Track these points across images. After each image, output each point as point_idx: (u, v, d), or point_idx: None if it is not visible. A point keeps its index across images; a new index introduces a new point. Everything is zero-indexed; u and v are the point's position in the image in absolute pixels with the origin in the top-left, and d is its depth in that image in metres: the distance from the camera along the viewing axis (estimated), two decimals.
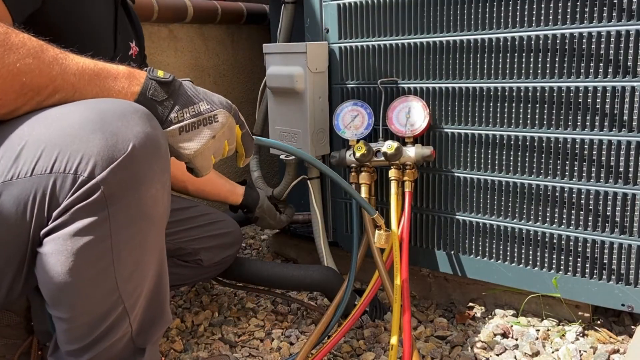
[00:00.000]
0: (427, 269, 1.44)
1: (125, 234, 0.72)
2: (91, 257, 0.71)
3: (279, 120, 1.46)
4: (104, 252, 0.72)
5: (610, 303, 1.16)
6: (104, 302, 0.76)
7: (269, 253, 1.80)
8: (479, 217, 1.28)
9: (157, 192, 0.74)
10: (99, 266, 0.72)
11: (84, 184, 0.67)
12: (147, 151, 0.71)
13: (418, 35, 1.28)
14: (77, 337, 0.78)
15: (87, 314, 0.76)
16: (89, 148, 0.67)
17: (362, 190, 1.31)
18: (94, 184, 0.67)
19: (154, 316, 0.85)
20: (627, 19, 1.04)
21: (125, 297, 0.77)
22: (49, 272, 0.71)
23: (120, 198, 0.70)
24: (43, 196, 0.68)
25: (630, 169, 1.09)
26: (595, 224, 1.15)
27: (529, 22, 1.13)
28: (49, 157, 0.67)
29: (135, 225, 0.73)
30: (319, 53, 1.38)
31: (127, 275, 0.76)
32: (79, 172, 0.67)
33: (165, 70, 1.89)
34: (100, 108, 0.71)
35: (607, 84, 1.08)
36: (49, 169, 0.67)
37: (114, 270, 0.74)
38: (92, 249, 0.71)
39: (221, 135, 0.84)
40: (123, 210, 0.71)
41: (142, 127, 0.71)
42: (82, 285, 0.73)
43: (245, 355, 1.25)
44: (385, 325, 1.33)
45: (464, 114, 1.25)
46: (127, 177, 0.69)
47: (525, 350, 1.18)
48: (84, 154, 0.67)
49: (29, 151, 0.68)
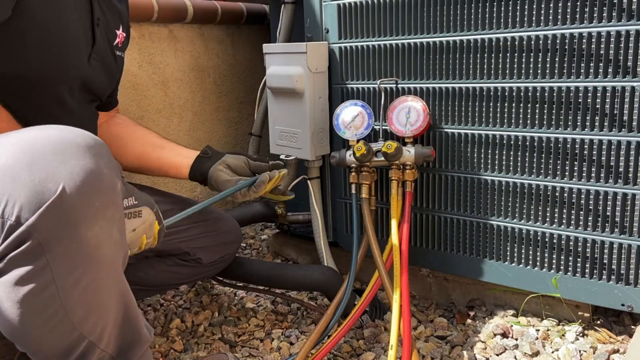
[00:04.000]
0: (427, 269, 1.44)
1: (70, 278, 0.68)
2: (37, 304, 0.67)
3: (278, 120, 1.45)
4: (50, 298, 0.67)
5: (610, 303, 1.16)
6: (64, 341, 0.72)
7: (269, 253, 1.80)
8: (479, 217, 1.28)
9: (101, 231, 0.68)
10: (48, 312, 0.68)
11: (12, 229, 0.63)
12: (83, 189, 0.65)
13: (418, 35, 1.28)
14: None
15: (51, 350, 0.72)
16: (15, 190, 0.62)
17: (362, 190, 1.31)
18: (24, 230, 0.62)
19: (131, 339, 0.82)
20: (627, 19, 1.04)
21: (86, 333, 0.73)
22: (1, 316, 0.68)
23: (56, 243, 0.65)
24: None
25: (630, 169, 1.09)
26: (595, 224, 1.15)
27: (529, 22, 1.13)
28: None
29: (79, 269, 0.68)
30: (319, 53, 1.38)
31: (81, 316, 0.72)
32: (5, 216, 0.62)
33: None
34: (33, 142, 0.66)
35: (607, 84, 1.08)
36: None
37: (65, 314, 0.69)
38: (36, 296, 0.66)
39: (141, 230, 0.86)
40: (62, 255, 0.66)
41: (79, 160, 0.66)
42: (36, 330, 0.69)
43: (245, 355, 1.25)
44: (385, 325, 1.33)
45: (464, 114, 1.25)
46: (61, 220, 0.64)
47: (525, 350, 1.18)
48: (9, 197, 0.62)
49: None
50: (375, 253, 1.24)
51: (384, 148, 1.24)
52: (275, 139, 1.48)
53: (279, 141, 1.47)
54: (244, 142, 2.11)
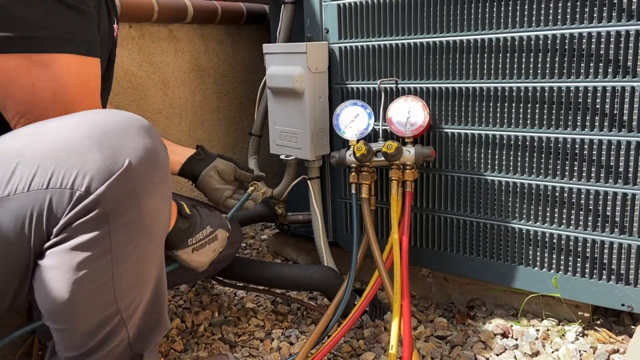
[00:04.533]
0: (427, 269, 1.44)
1: (126, 249, 0.73)
2: (91, 272, 0.71)
3: (278, 120, 1.45)
4: (104, 267, 0.72)
5: (610, 303, 1.16)
6: (101, 315, 0.76)
7: (269, 253, 1.80)
8: (479, 217, 1.28)
9: (157, 205, 0.74)
10: (98, 281, 0.72)
11: (81, 199, 0.67)
12: (145, 164, 0.71)
13: (418, 35, 1.28)
14: (74, 346, 0.78)
15: (83, 326, 0.76)
16: (86, 163, 0.67)
17: (362, 190, 1.31)
18: (93, 199, 0.67)
19: (152, 323, 0.85)
20: (627, 19, 1.04)
21: (122, 308, 0.77)
22: (47, 286, 0.71)
23: (120, 213, 0.70)
24: (40, 212, 0.68)
25: (630, 169, 1.09)
26: (595, 224, 1.15)
27: (529, 22, 1.13)
28: (45, 173, 0.67)
29: (135, 240, 0.73)
30: (319, 53, 1.38)
31: (125, 289, 0.76)
32: (75, 187, 0.67)
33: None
34: (98, 121, 0.71)
35: (607, 84, 1.08)
36: (45, 185, 0.67)
37: (112, 285, 0.73)
38: (91, 264, 0.71)
39: (219, 248, 1.10)
40: (124, 226, 0.71)
41: (141, 139, 0.72)
42: (80, 300, 0.72)
43: (245, 355, 1.25)
44: (385, 325, 1.33)
45: (464, 114, 1.25)
46: (126, 192, 0.69)
47: (525, 350, 1.18)
48: (80, 170, 0.67)
49: (24, 167, 0.68)
50: (375, 253, 1.24)
51: (384, 148, 1.24)
52: (275, 139, 1.48)
53: (279, 141, 1.47)
54: (244, 142, 2.11)
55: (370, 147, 1.27)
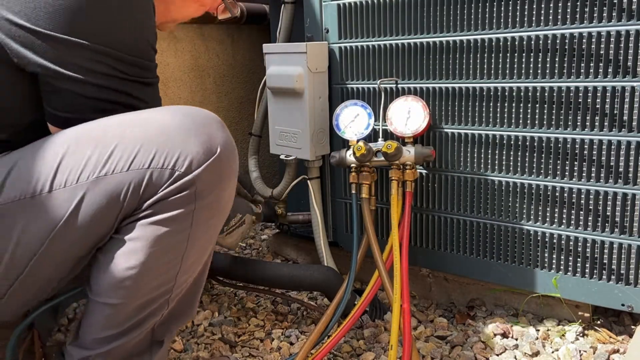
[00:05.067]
0: (427, 269, 1.44)
1: (202, 228, 0.79)
2: (168, 246, 0.77)
3: (279, 120, 1.45)
4: (180, 242, 0.78)
5: (610, 303, 1.16)
6: (158, 290, 0.81)
7: (269, 253, 1.80)
8: (479, 217, 1.28)
9: (230, 191, 0.82)
10: (171, 255, 0.79)
11: (180, 178, 0.74)
12: (229, 153, 0.79)
13: (418, 35, 1.28)
14: (116, 323, 0.82)
15: (137, 301, 0.80)
16: (186, 147, 0.74)
17: (362, 190, 1.31)
18: (190, 179, 0.75)
19: (184, 308, 0.91)
20: (627, 19, 1.04)
21: (175, 287, 0.83)
22: (120, 257, 0.77)
23: (207, 194, 0.77)
24: (137, 188, 0.74)
25: (630, 169, 1.09)
26: (595, 224, 1.15)
27: (529, 22, 1.13)
28: (146, 154, 0.74)
29: (211, 221, 0.81)
30: (319, 53, 1.38)
31: (187, 267, 0.82)
32: (176, 167, 0.74)
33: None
34: (189, 113, 0.79)
35: (607, 84, 1.08)
36: (146, 165, 0.74)
37: (180, 262, 0.80)
38: (171, 238, 0.77)
39: (246, 230, 1.27)
40: (206, 206, 0.78)
41: (224, 132, 0.80)
42: (149, 272, 0.78)
43: (245, 355, 1.25)
44: (385, 325, 1.33)
45: (464, 114, 1.25)
46: (215, 176, 0.77)
47: (525, 350, 1.18)
48: (182, 152, 0.74)
49: (124, 149, 0.74)
50: (375, 253, 1.24)
51: (384, 148, 1.24)
52: (275, 139, 1.48)
53: (279, 141, 1.47)
54: (244, 142, 2.11)
55: (370, 147, 1.27)
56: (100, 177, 0.73)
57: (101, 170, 0.73)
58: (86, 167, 0.74)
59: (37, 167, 0.74)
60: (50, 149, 0.75)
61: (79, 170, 0.74)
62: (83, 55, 0.75)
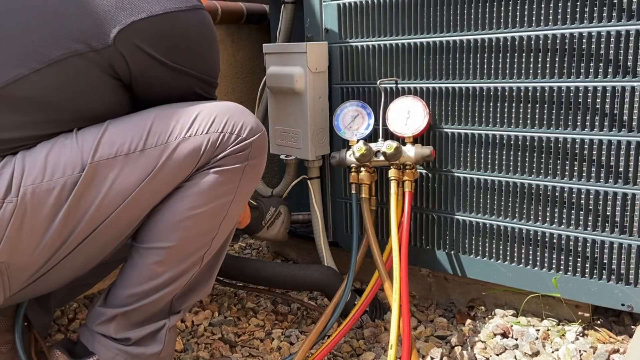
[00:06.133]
0: (427, 269, 1.44)
1: (246, 185, 0.99)
2: (220, 192, 0.95)
3: (279, 120, 1.46)
4: (230, 191, 0.97)
5: (610, 303, 1.16)
6: (200, 241, 0.98)
7: (269, 253, 1.80)
8: (479, 217, 1.28)
9: (265, 161, 1.02)
10: (223, 200, 0.96)
11: (241, 141, 0.95)
12: (265, 133, 1.01)
13: (418, 35, 1.28)
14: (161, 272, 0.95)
15: (187, 245, 0.96)
16: (246, 121, 0.96)
17: (362, 190, 1.31)
18: (247, 143, 0.96)
19: (199, 282, 1.03)
20: (627, 19, 1.04)
21: (214, 242, 0.99)
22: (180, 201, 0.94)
23: (254, 157, 0.98)
24: (212, 146, 0.93)
25: (630, 169, 1.09)
26: (595, 224, 1.15)
27: (529, 22, 1.13)
28: (220, 122, 0.94)
29: (252, 182, 1.01)
30: (319, 53, 1.38)
31: (223, 230, 0.99)
32: (240, 133, 0.95)
33: None
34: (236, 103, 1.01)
35: (607, 84, 1.08)
36: (220, 129, 0.94)
37: (227, 210, 0.98)
38: (225, 186, 0.96)
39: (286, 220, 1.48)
40: (252, 167, 0.98)
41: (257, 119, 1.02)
42: (204, 214, 0.95)
43: (245, 355, 1.25)
44: (385, 325, 1.33)
45: (464, 114, 1.25)
46: (261, 145, 0.99)
47: (525, 350, 1.18)
48: (244, 123, 0.96)
49: (203, 117, 0.94)
50: (375, 253, 1.24)
51: (383, 148, 1.24)
52: (275, 139, 1.48)
53: (279, 141, 1.47)
54: None
55: (370, 147, 1.27)
56: (185, 138, 0.92)
57: (187, 132, 0.92)
58: (173, 130, 0.92)
59: (129, 131, 0.91)
60: (138, 118, 0.93)
61: (168, 133, 0.92)
62: (185, 79, 1.00)
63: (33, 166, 0.86)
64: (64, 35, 0.88)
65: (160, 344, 1.01)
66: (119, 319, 0.97)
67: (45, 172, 0.86)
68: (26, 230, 0.86)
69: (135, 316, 0.98)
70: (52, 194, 0.86)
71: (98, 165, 0.88)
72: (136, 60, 0.91)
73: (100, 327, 0.98)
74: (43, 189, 0.86)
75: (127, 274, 0.98)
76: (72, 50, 0.87)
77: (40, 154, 0.87)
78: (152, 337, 1.00)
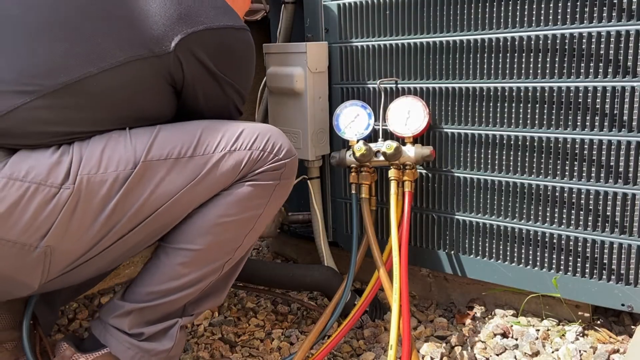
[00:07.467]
0: (427, 269, 1.44)
1: (275, 202, 1.06)
2: (251, 204, 1.02)
3: (279, 120, 1.45)
4: (261, 205, 1.03)
5: (610, 303, 1.16)
6: (227, 246, 1.03)
7: (269, 253, 1.80)
8: (479, 217, 1.28)
9: (291, 186, 1.08)
10: (251, 212, 1.02)
11: (278, 161, 1.02)
12: (297, 157, 1.08)
13: (418, 35, 1.28)
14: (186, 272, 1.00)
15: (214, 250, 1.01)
16: (284, 142, 1.04)
17: (362, 190, 1.31)
18: (282, 163, 1.03)
19: (213, 291, 1.07)
20: (627, 19, 1.04)
21: (237, 252, 1.04)
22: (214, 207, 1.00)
23: (286, 178, 1.05)
24: (253, 162, 1.00)
25: (630, 169, 1.09)
26: (595, 224, 1.15)
27: (529, 22, 1.13)
28: (261, 140, 1.01)
29: (280, 200, 1.07)
30: (319, 53, 1.38)
31: (246, 242, 1.05)
32: (278, 153, 1.02)
33: None
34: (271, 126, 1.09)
35: (607, 84, 1.08)
36: (261, 147, 1.01)
37: (254, 223, 1.04)
38: (256, 200, 1.02)
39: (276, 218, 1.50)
40: (283, 186, 1.05)
41: None
42: (234, 223, 1.01)
43: (245, 355, 1.25)
44: (385, 325, 1.33)
45: (464, 114, 1.25)
46: (294, 167, 1.06)
47: (525, 350, 1.18)
48: (282, 145, 1.04)
49: (247, 134, 1.01)
50: (375, 253, 1.24)
51: (383, 148, 1.24)
52: None
53: None
54: None
55: (370, 148, 1.27)
56: (231, 151, 0.99)
57: (232, 146, 0.99)
58: (220, 142, 0.99)
59: (180, 137, 0.98)
60: (188, 127, 1.01)
61: (215, 144, 0.99)
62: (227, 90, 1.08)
63: (90, 157, 0.92)
64: (130, 41, 0.95)
65: (172, 340, 1.04)
66: (134, 315, 1.01)
67: (100, 164, 0.92)
68: (76, 218, 0.90)
69: (150, 314, 1.02)
70: (104, 186, 0.91)
71: (150, 164, 0.94)
72: (191, 67, 0.99)
73: (115, 320, 1.02)
74: (97, 179, 0.91)
75: (151, 272, 1.02)
76: (136, 54, 0.95)
77: (96, 148, 0.93)
78: (164, 334, 1.04)
